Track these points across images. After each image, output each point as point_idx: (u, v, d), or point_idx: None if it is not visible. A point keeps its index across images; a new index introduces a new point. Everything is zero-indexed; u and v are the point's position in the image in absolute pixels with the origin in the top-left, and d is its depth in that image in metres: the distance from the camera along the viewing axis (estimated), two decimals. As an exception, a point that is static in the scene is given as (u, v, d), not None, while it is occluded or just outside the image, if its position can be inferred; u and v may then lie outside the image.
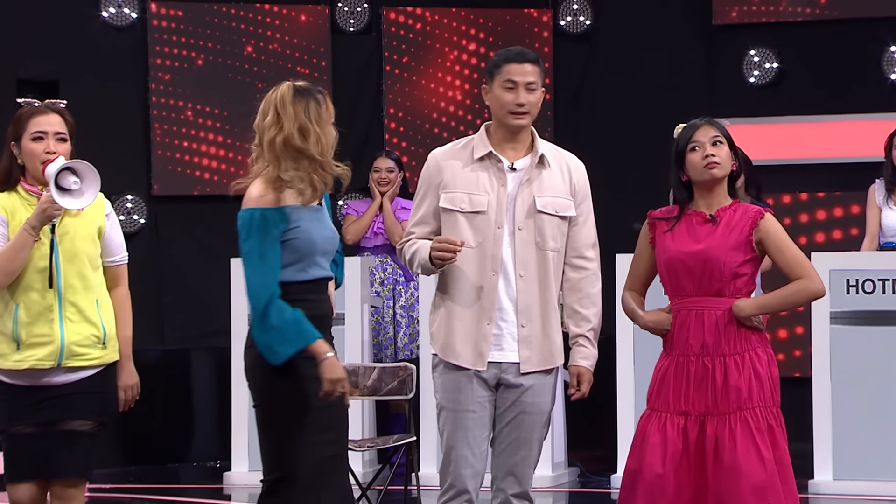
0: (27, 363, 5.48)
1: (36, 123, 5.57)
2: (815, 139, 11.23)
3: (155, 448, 10.79)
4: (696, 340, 5.51)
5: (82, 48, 10.88)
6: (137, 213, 11.02)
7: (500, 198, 5.51)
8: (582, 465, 9.67)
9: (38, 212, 5.46)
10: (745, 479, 5.39)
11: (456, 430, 5.49)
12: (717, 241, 5.52)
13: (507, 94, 5.55)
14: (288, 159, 5.29)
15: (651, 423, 5.53)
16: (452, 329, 5.50)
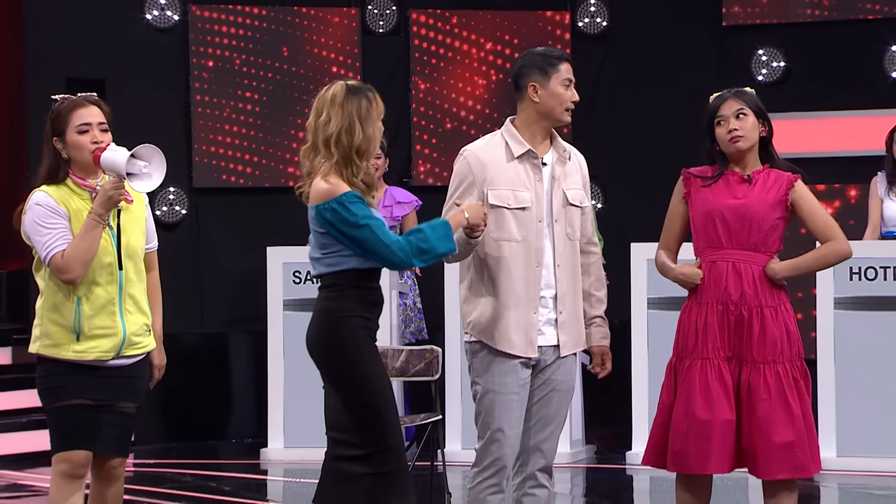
0: (91, 354, 5.41)
1: (79, 116, 5.45)
2: (820, 134, 11.21)
3: (195, 426, 10.83)
4: (736, 290, 5.55)
5: (127, 49, 10.90)
6: (179, 205, 11.04)
7: (538, 193, 5.53)
8: (598, 442, 9.67)
9: (103, 199, 5.35)
10: (777, 434, 5.46)
11: (501, 411, 5.50)
12: (756, 197, 5.57)
13: (567, 91, 5.57)
14: (338, 155, 5.26)
15: (708, 372, 5.54)
16: (503, 319, 5.50)
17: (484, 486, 5.51)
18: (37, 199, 5.39)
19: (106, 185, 5.37)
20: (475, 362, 5.57)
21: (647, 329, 9.05)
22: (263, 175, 11.16)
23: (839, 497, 8.27)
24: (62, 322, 5.40)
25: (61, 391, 5.41)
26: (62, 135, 5.45)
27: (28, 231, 5.40)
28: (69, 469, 5.41)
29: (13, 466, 9.51)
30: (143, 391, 5.59)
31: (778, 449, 5.48)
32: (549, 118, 5.58)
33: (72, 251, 5.33)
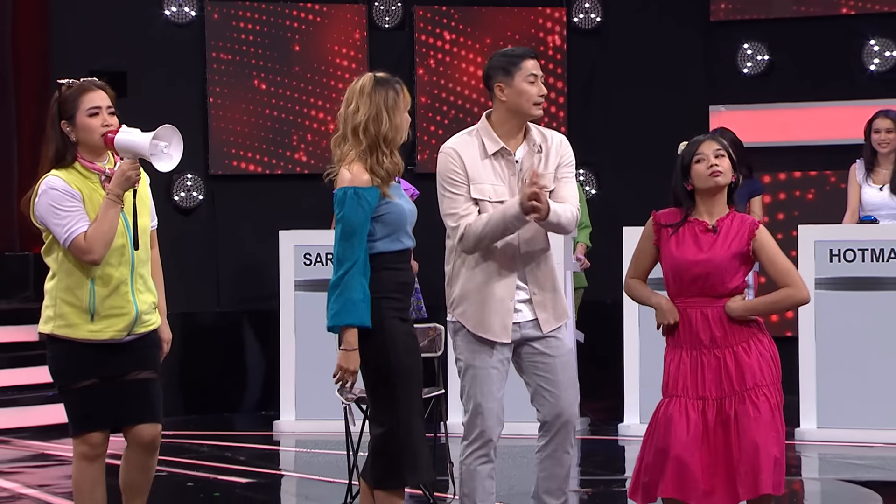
0: (106, 334, 5.29)
1: (90, 100, 5.30)
2: (802, 124, 11.22)
3: (212, 399, 10.85)
4: (706, 335, 5.51)
5: (147, 43, 10.91)
6: (196, 191, 11.06)
7: (511, 187, 5.54)
8: (592, 415, 9.70)
9: (120, 180, 5.23)
10: (767, 453, 5.41)
11: (482, 386, 5.52)
12: (719, 251, 5.52)
13: (532, 86, 5.56)
14: (365, 143, 5.26)
15: (673, 407, 5.50)
16: (480, 305, 5.51)
17: (473, 458, 5.55)
18: (51, 184, 5.24)
19: (123, 165, 5.24)
20: (457, 340, 5.60)
21: (639, 309, 9.05)
22: (276, 162, 11.18)
23: (819, 465, 8.30)
24: (76, 303, 5.28)
25: (74, 372, 5.30)
26: (72, 118, 5.30)
27: (43, 215, 5.25)
28: (88, 451, 5.33)
29: (40, 437, 9.54)
30: (156, 360, 5.47)
31: (767, 464, 5.41)
32: (519, 114, 5.57)
33: (93, 232, 5.21)
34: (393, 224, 5.27)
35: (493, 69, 5.61)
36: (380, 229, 5.25)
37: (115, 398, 5.35)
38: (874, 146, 9.06)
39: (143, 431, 5.40)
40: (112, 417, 5.36)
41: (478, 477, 5.55)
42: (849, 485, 7.53)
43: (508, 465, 7.68)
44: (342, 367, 5.19)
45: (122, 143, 5.25)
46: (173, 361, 11.19)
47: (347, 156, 5.28)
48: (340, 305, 5.15)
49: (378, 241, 5.25)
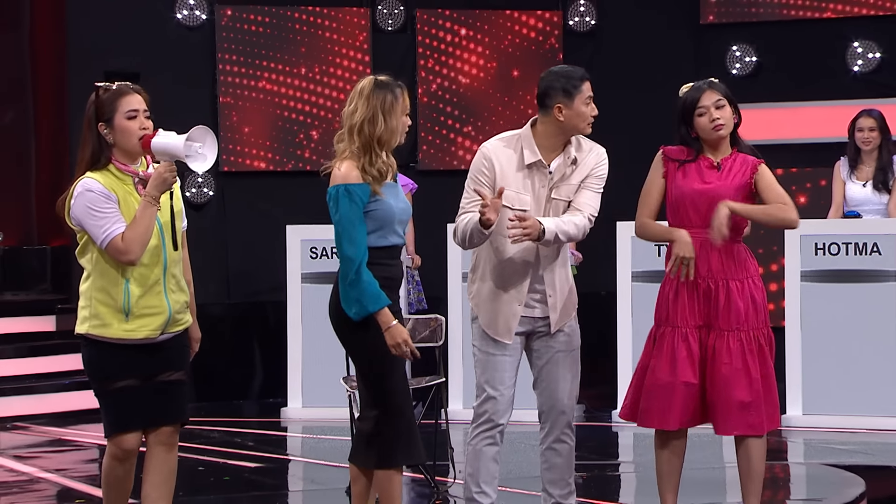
0: (141, 333, 5.19)
1: (127, 103, 5.19)
2: (789, 123, 11.21)
3: (221, 387, 10.84)
4: (703, 265, 5.55)
5: (160, 45, 10.90)
6: (207, 187, 11.05)
7: (538, 198, 5.53)
8: (587, 402, 9.69)
9: (158, 182, 5.14)
10: (734, 394, 5.48)
11: (494, 373, 5.54)
12: (723, 182, 5.57)
13: (588, 108, 5.57)
14: (359, 143, 5.27)
15: (676, 338, 5.55)
16: (492, 304, 5.55)
17: (480, 439, 5.58)
18: (87, 186, 5.14)
19: (160, 168, 5.15)
20: (474, 328, 5.64)
21: (632, 299, 9.07)
22: (283, 160, 11.16)
23: (804, 451, 8.29)
24: (111, 303, 5.18)
25: (110, 374, 5.21)
26: (109, 121, 5.19)
27: (80, 217, 5.15)
28: (119, 453, 5.25)
29: (58, 423, 9.53)
30: (186, 360, 5.39)
31: (735, 408, 5.50)
32: (572, 132, 5.57)
33: (131, 234, 5.10)
34: (380, 220, 5.27)
35: (552, 89, 5.53)
36: (368, 225, 5.27)
37: (148, 399, 5.25)
38: (858, 144, 9.05)
39: (166, 429, 5.31)
40: (145, 418, 5.27)
41: (483, 458, 5.56)
42: (833, 469, 7.53)
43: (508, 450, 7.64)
44: (393, 345, 5.21)
45: (159, 146, 5.16)
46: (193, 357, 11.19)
47: (343, 153, 5.29)
48: (361, 295, 5.19)
49: (367, 236, 5.27)
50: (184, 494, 7.27)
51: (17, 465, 8.13)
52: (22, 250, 11.29)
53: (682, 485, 5.71)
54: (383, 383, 5.30)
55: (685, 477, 5.77)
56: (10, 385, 9.62)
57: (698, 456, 7.35)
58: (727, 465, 7.29)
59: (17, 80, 11.63)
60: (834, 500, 6.79)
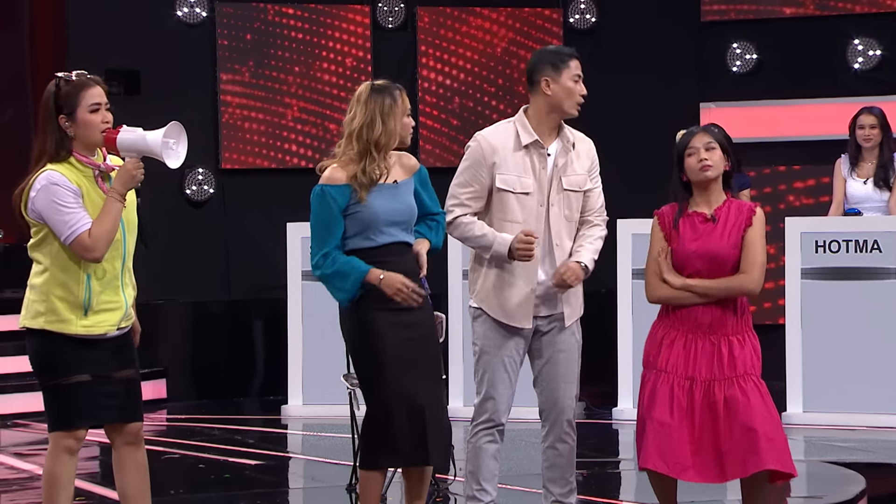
0: (100, 328, 5.07)
1: (91, 96, 5.05)
2: (789, 120, 11.21)
3: (222, 384, 10.85)
4: (706, 319, 5.50)
5: (160, 43, 10.90)
6: (207, 184, 11.05)
7: (540, 180, 5.53)
8: (588, 399, 9.69)
9: (126, 178, 5.03)
10: (761, 430, 5.39)
11: (495, 372, 5.54)
12: (718, 240, 5.51)
13: (576, 85, 5.56)
14: (358, 147, 5.29)
15: (660, 382, 5.48)
16: (504, 292, 5.52)
17: (480, 437, 5.58)
18: (52, 178, 5.00)
19: (128, 164, 5.04)
20: (476, 326, 5.61)
21: (632, 297, 9.06)
22: (283, 157, 11.17)
23: (804, 448, 8.29)
24: (70, 298, 5.05)
25: (63, 368, 5.08)
26: (72, 114, 5.05)
27: (43, 210, 5.02)
28: (73, 445, 5.12)
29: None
30: (135, 356, 5.24)
31: (763, 442, 5.39)
32: (559, 111, 5.56)
33: (98, 230, 4.99)
34: (363, 223, 5.29)
35: (540, 63, 5.56)
36: (350, 226, 5.30)
37: (103, 395, 5.13)
38: (859, 141, 9.05)
39: (130, 428, 5.23)
40: (100, 414, 5.15)
41: (483, 455, 5.56)
42: (833, 466, 7.53)
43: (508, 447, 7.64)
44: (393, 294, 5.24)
45: (127, 142, 5.06)
46: (185, 348, 11.26)
47: (340, 155, 5.32)
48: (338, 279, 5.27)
49: (349, 239, 5.30)
50: (184, 492, 7.28)
51: (17, 462, 8.13)
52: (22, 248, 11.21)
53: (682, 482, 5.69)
54: (371, 383, 5.33)
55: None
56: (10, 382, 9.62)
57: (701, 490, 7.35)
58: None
59: (16, 78, 11.62)
60: (834, 497, 6.79)
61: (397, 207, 5.34)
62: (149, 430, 9.47)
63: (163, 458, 8.28)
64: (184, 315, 10.99)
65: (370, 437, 5.33)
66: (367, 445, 5.36)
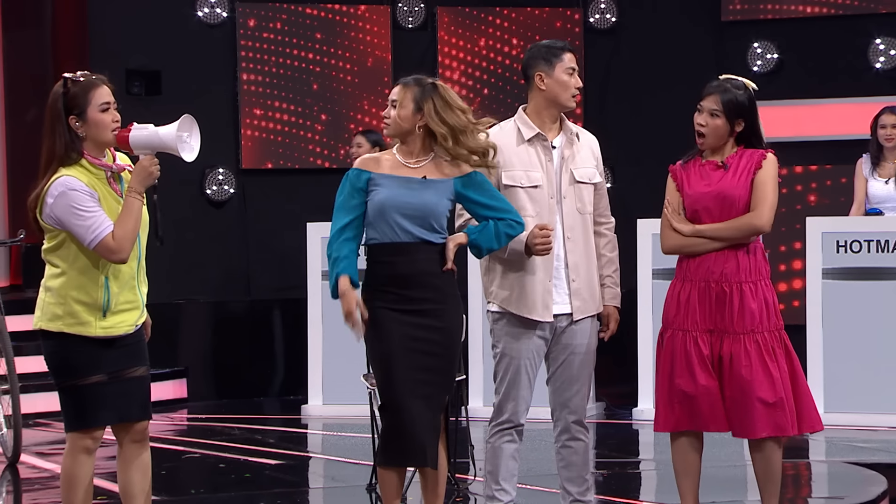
0: (120, 330, 5.09)
1: (100, 95, 5.03)
2: (810, 120, 11.18)
3: (243, 384, 10.86)
4: (717, 267, 5.51)
5: (181, 43, 10.93)
6: (228, 184, 11.07)
7: (549, 173, 5.54)
8: (607, 399, 9.68)
9: (143, 176, 5.02)
10: (757, 394, 5.42)
11: (517, 374, 5.55)
12: (729, 182, 5.52)
13: (570, 78, 5.57)
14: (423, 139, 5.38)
15: (688, 343, 5.51)
16: (522, 287, 5.52)
17: (498, 437, 5.60)
18: (69, 184, 4.97)
19: (144, 162, 5.02)
20: (495, 329, 5.62)
21: (652, 297, 9.06)
22: (304, 157, 11.18)
23: (826, 449, 8.27)
24: (89, 301, 5.04)
25: (80, 369, 5.07)
26: (82, 114, 5.03)
27: (62, 216, 4.97)
28: (91, 445, 5.12)
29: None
30: (146, 354, 5.24)
31: (759, 409, 5.44)
32: (556, 104, 5.57)
33: (121, 232, 4.97)
34: (374, 210, 5.31)
35: (533, 59, 5.59)
36: (369, 211, 5.35)
37: (118, 394, 5.13)
38: (880, 141, 9.03)
39: (139, 426, 5.21)
40: (116, 413, 5.16)
41: (502, 455, 5.57)
42: (855, 467, 7.51)
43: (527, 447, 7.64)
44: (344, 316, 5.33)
45: (141, 139, 5.05)
46: (205, 348, 11.28)
47: None
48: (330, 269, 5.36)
49: (369, 227, 5.37)
50: (205, 491, 7.30)
51: (39, 461, 8.16)
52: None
53: (702, 482, 5.70)
54: (381, 381, 5.34)
55: (705, 475, 5.76)
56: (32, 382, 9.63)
57: (719, 453, 7.34)
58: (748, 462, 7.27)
59: (39, 78, 11.66)
60: (856, 498, 6.78)
61: (409, 201, 5.30)
62: (169, 429, 9.51)
63: (183, 458, 8.30)
64: (204, 315, 11.02)
65: (384, 435, 5.38)
66: (381, 443, 5.42)
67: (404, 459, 5.36)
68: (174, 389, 10.54)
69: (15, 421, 7.89)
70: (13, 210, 11.77)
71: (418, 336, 5.32)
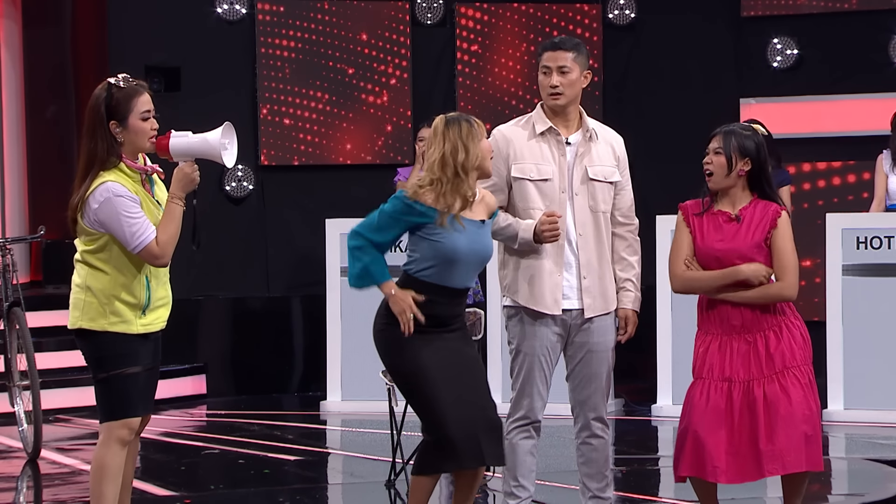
0: (157, 326, 5.26)
1: (142, 103, 5.17)
2: (830, 116, 11.15)
3: (261, 380, 10.88)
4: (737, 319, 5.47)
5: (200, 40, 10.95)
6: (247, 181, 11.09)
7: (561, 167, 5.55)
8: (626, 396, 9.68)
9: (185, 182, 5.16)
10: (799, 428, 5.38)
11: (532, 370, 5.56)
12: (742, 240, 5.48)
13: (544, 78, 5.58)
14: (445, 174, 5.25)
15: (696, 389, 5.50)
16: (532, 281, 5.54)
17: (516, 433, 5.61)
18: (114, 190, 5.10)
19: (185, 168, 5.16)
20: (510, 325, 5.63)
21: (671, 294, 9.02)
22: (323, 154, 11.20)
23: (846, 445, 8.26)
24: (132, 301, 5.18)
25: (125, 359, 5.20)
26: (123, 120, 5.15)
27: (108, 221, 5.11)
28: (126, 435, 5.23)
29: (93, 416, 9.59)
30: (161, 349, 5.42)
31: (801, 443, 5.39)
32: (546, 103, 5.60)
33: (164, 237, 5.12)
34: (440, 255, 5.24)
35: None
36: (426, 252, 5.26)
37: (149, 386, 5.31)
38: (900, 137, 9.01)
39: (145, 419, 5.38)
40: (147, 404, 5.31)
41: (519, 451, 5.58)
42: (875, 464, 7.50)
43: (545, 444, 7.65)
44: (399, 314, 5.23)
45: (182, 147, 5.17)
46: (224, 344, 11.30)
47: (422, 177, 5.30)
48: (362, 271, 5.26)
49: (427, 270, 5.26)
50: (224, 487, 7.33)
51: (59, 457, 8.20)
52: (64, 244, 11.35)
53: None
54: (415, 401, 5.33)
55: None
56: (52, 378, 9.68)
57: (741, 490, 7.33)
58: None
59: (59, 75, 11.71)
60: (876, 494, 6.77)
61: (478, 248, 5.30)
62: (189, 425, 9.55)
63: (203, 454, 8.33)
64: (223, 311, 11.04)
65: (427, 447, 5.31)
66: (424, 454, 5.34)
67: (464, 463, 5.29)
68: (193, 385, 10.56)
69: (35, 417, 7.93)
70: (33, 206, 11.82)
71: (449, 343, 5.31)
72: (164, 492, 7.07)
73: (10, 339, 8.31)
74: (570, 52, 5.56)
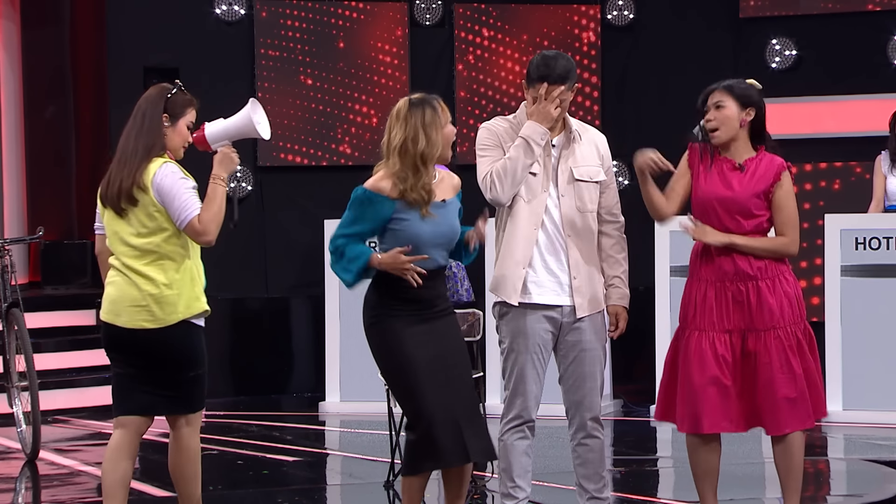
0: (205, 304, 5.53)
1: (192, 115, 5.50)
2: (829, 116, 11.16)
3: (260, 381, 10.89)
4: (730, 266, 5.50)
5: (199, 40, 10.95)
6: (245, 181, 11.10)
7: (546, 166, 5.57)
8: (625, 397, 9.68)
9: (227, 162, 5.44)
10: (780, 392, 5.43)
11: (524, 369, 5.56)
12: (744, 189, 5.50)
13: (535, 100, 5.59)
14: (403, 164, 5.27)
15: (704, 342, 5.51)
16: (502, 270, 5.58)
17: (510, 433, 5.60)
18: (172, 168, 5.36)
19: (225, 149, 5.45)
20: (501, 325, 5.64)
21: (670, 295, 9.05)
22: (321, 154, 11.20)
23: (844, 446, 8.27)
24: (195, 286, 5.45)
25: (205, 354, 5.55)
26: (175, 119, 5.45)
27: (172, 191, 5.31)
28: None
29: (99, 417, 9.59)
30: None
31: (783, 406, 5.46)
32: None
33: (207, 215, 5.31)
34: (405, 242, 5.27)
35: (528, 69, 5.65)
36: (389, 242, 5.31)
37: None
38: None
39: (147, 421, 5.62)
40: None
41: (514, 452, 5.58)
42: (873, 464, 7.51)
43: (544, 444, 7.68)
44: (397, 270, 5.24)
45: (218, 132, 5.50)
46: (223, 345, 11.30)
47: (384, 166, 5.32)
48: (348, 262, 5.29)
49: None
50: (223, 488, 7.32)
51: (58, 458, 8.20)
52: (62, 244, 11.37)
53: (721, 480, 5.70)
54: (402, 395, 5.34)
55: (724, 472, 5.76)
56: (51, 379, 9.69)
57: (738, 451, 7.34)
58: (766, 460, 7.28)
59: (57, 76, 11.72)
60: (874, 495, 6.78)
61: (442, 230, 5.33)
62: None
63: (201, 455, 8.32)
64: (222, 312, 11.03)
65: (411, 445, 5.33)
66: (408, 453, 5.36)
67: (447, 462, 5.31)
68: (192, 386, 10.56)
69: (34, 417, 7.94)
70: (32, 207, 11.82)
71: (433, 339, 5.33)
72: (162, 492, 7.07)
73: (9, 340, 8.32)
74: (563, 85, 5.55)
